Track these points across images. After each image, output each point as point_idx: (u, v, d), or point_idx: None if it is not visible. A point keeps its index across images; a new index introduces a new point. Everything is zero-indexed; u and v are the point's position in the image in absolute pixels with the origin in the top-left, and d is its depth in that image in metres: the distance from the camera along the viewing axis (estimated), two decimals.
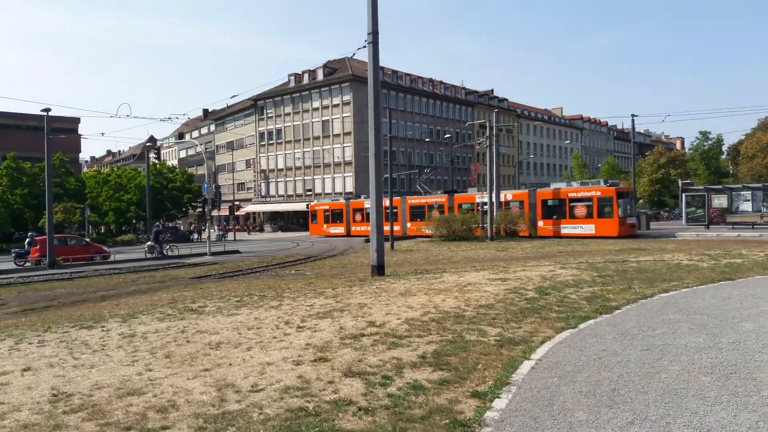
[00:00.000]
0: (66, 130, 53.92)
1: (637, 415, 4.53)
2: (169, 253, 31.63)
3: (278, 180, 72.18)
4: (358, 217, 46.41)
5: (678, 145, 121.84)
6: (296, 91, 69.17)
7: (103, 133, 71.62)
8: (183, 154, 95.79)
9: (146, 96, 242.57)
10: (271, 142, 72.63)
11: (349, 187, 64.19)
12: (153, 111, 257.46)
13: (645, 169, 63.21)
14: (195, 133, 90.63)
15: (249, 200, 74.48)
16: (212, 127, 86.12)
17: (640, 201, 57.53)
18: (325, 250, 31.73)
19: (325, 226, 48.61)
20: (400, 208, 42.54)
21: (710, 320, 7.93)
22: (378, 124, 15.28)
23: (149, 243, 32.12)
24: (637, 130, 46.39)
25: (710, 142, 68.95)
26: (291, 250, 33.80)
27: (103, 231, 60.77)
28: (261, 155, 74.20)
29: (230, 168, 77.50)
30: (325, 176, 67.12)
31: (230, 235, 54.57)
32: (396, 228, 40.09)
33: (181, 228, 67.39)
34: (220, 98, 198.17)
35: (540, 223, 33.93)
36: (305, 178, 69.07)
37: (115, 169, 66.62)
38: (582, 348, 6.57)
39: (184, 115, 31.29)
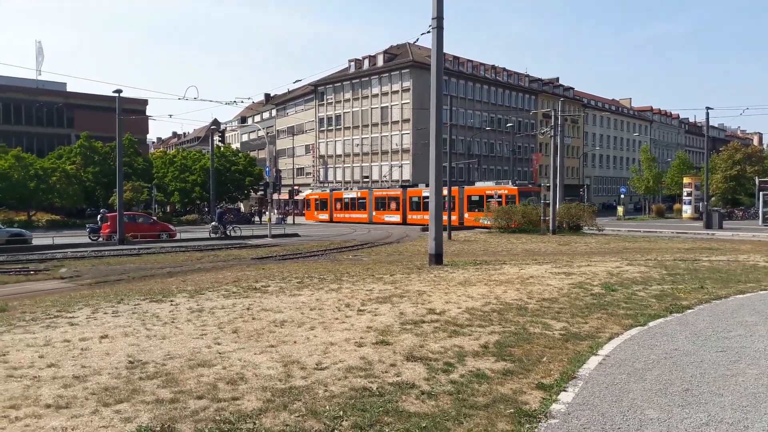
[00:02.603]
0: (135, 111, 56.15)
1: (712, 417, 4.37)
2: (232, 234, 32.66)
3: (336, 166, 73.01)
4: (339, 205, 52.99)
5: (755, 141, 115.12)
6: (356, 77, 69.53)
7: (171, 115, 74.11)
8: (245, 137, 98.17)
9: (211, 80, 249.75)
10: (330, 127, 73.46)
11: (407, 175, 64.17)
12: (217, 94, 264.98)
13: (719, 165, 60.09)
14: (257, 118, 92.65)
15: (307, 185, 75.67)
16: (273, 112, 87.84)
17: (713, 198, 54.84)
18: (381, 237, 31.96)
19: (315, 212, 54.73)
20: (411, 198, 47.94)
21: None
22: (439, 111, 15.19)
23: (213, 223, 33.24)
24: (711, 124, 44.19)
25: None
26: (348, 236, 34.17)
27: (168, 210, 63.18)
28: (320, 141, 75.18)
29: (290, 153, 78.82)
30: (382, 163, 67.40)
31: (289, 219, 55.77)
32: (416, 217, 46.16)
33: (242, 210, 69.24)
34: (282, 83, 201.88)
35: (466, 215, 41.28)
36: (363, 164, 69.56)
37: (181, 150, 68.98)
38: (652, 346, 6.38)
39: (249, 98, 32.06)
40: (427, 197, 44.96)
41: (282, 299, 9.48)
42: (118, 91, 28.94)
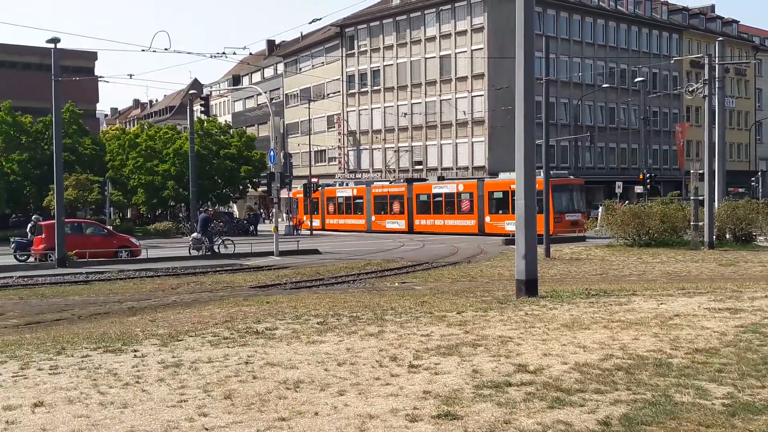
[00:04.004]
0: (79, 69, 57.33)
1: None
2: (222, 250, 33.38)
3: (373, 147, 73.27)
4: (332, 207, 58.29)
5: None
6: (402, 11, 69.82)
7: (131, 75, 75.98)
8: (239, 106, 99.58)
9: (189, 22, 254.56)
10: (363, 89, 73.84)
11: (480, 159, 64.00)
12: (198, 44, 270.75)
13: None
14: (256, 77, 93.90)
15: (332, 176, 76.19)
16: (280, 68, 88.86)
17: None
18: (443, 254, 31.97)
19: (304, 217, 58.67)
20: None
21: None
22: (529, 60, 15.11)
23: (194, 235, 33.89)
24: None
25: None
26: (393, 251, 34.25)
27: (130, 216, 64.56)
28: (349, 109, 75.67)
29: (305, 128, 79.55)
30: (443, 141, 67.36)
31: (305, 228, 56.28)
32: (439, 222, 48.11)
33: (236, 215, 70.13)
34: (292, 24, 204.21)
35: (487, 219, 44.74)
36: (413, 144, 69.62)
37: (146, 127, 70.33)
38: None
39: (244, 48, 32.67)
40: (438, 195, 49.13)
41: (296, 348, 9.61)
42: (55, 41, 29.66)
